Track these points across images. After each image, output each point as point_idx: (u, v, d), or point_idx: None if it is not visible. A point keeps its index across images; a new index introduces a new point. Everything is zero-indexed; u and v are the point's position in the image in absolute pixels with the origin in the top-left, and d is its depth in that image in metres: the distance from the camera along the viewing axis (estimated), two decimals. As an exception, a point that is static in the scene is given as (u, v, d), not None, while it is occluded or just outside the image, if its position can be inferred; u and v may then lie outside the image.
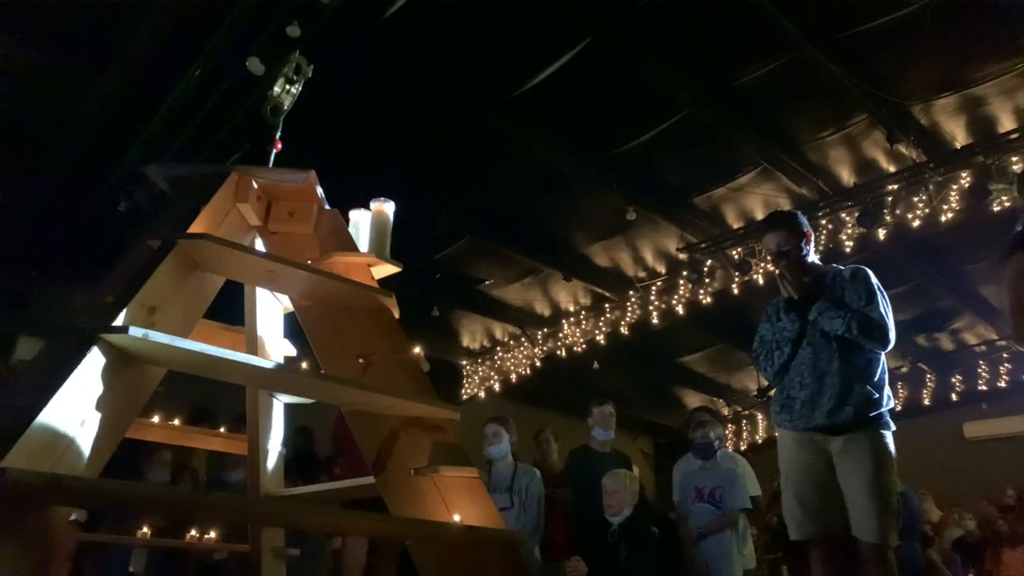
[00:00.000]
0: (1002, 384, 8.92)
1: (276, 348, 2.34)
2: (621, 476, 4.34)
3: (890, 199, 5.59)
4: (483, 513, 1.74)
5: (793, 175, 5.60)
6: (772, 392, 2.92)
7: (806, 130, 5.22)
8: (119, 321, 1.44)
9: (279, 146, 2.20)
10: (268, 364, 1.72)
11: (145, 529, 3.09)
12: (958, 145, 5.29)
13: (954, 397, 9.10)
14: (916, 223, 5.52)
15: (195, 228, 1.70)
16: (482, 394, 8.66)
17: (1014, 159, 5.15)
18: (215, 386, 2.01)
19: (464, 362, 8.92)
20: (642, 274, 7.09)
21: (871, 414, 2.57)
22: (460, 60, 4.44)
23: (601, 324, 7.65)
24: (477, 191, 5.72)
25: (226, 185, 1.91)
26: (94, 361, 1.37)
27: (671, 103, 4.82)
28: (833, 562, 2.65)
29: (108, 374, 1.41)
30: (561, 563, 4.34)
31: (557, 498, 4.67)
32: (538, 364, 8.29)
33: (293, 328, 2.25)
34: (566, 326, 7.88)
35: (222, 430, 2.91)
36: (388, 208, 2.16)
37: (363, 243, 2.12)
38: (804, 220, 2.91)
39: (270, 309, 2.34)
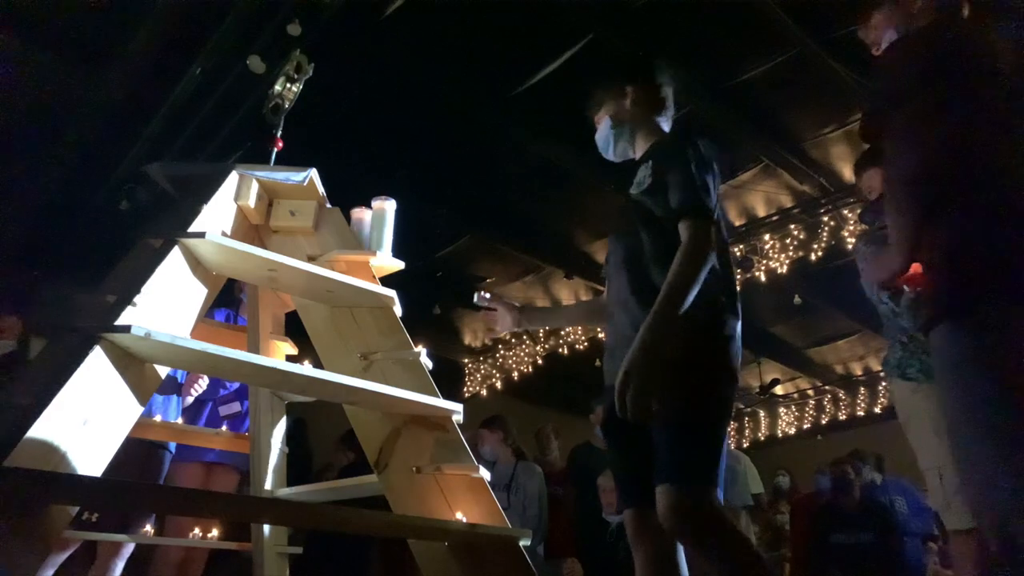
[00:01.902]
0: (1004, 381, 8.89)
1: (277, 346, 2.34)
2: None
3: (892, 196, 5.58)
4: (486, 511, 1.74)
5: (795, 172, 5.59)
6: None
7: (808, 127, 5.21)
8: (121, 320, 1.43)
9: (280, 144, 2.20)
10: (269, 362, 1.72)
11: (149, 528, 3.10)
12: (960, 142, 5.28)
13: (956, 394, 9.08)
14: (918, 220, 5.51)
15: (196, 227, 1.70)
16: (484, 392, 8.68)
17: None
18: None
19: (466, 360, 8.93)
20: (644, 272, 7.07)
21: None
22: (461, 58, 4.44)
23: (603, 322, 7.64)
24: (478, 189, 5.72)
25: (227, 184, 1.91)
26: (96, 360, 1.37)
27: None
28: None
29: (110, 373, 1.40)
30: (561, 561, 4.35)
31: (558, 496, 4.67)
32: (540, 362, 8.29)
33: (295, 326, 2.25)
34: (568, 324, 7.88)
35: (224, 429, 2.91)
36: (389, 206, 2.16)
37: (365, 241, 2.12)
38: None
39: (272, 307, 2.34)
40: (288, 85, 2.21)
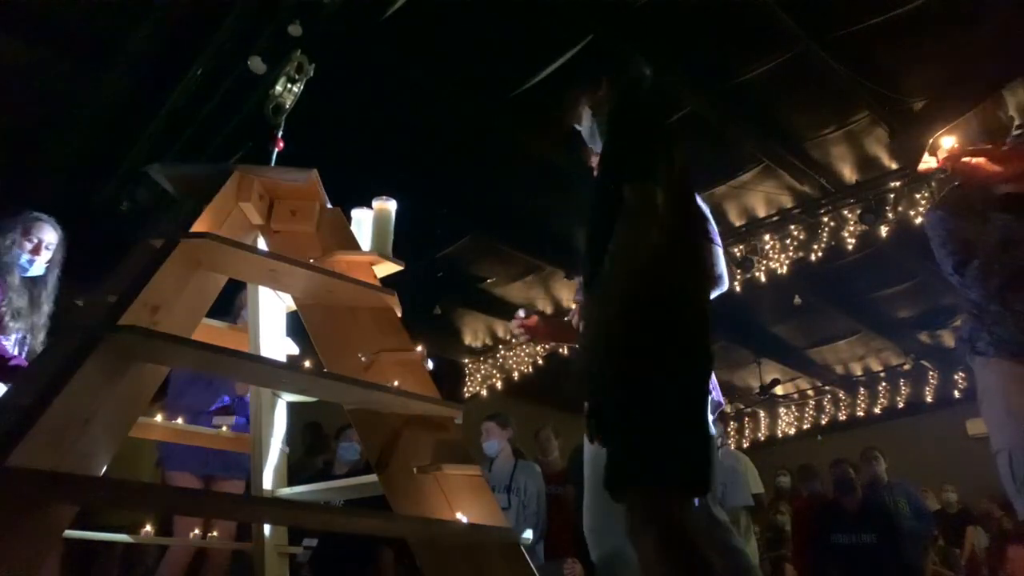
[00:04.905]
0: (1004, 381, 8.89)
1: (279, 346, 2.34)
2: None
3: (892, 196, 5.59)
4: (486, 512, 1.74)
5: (795, 172, 5.59)
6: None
7: (808, 127, 5.21)
8: (122, 320, 1.44)
9: (281, 145, 2.20)
10: (270, 362, 1.73)
11: (148, 527, 3.10)
12: (960, 142, 5.28)
13: (956, 394, 9.10)
14: (918, 220, 5.51)
15: (197, 227, 1.70)
16: (484, 392, 8.68)
17: (1016, 156, 5.14)
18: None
19: (466, 360, 8.92)
20: (644, 272, 7.07)
21: None
22: (461, 58, 4.44)
23: (603, 322, 7.63)
24: (479, 189, 5.72)
25: (228, 184, 1.91)
26: (97, 360, 1.37)
27: (672, 100, 4.81)
28: None
29: (111, 373, 1.41)
30: (561, 561, 4.35)
31: (559, 496, 4.67)
32: (540, 362, 8.29)
33: (296, 327, 2.25)
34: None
35: (224, 429, 2.91)
36: (390, 206, 2.16)
37: (365, 242, 2.12)
38: None
39: (272, 308, 2.34)
40: (289, 85, 2.21)
